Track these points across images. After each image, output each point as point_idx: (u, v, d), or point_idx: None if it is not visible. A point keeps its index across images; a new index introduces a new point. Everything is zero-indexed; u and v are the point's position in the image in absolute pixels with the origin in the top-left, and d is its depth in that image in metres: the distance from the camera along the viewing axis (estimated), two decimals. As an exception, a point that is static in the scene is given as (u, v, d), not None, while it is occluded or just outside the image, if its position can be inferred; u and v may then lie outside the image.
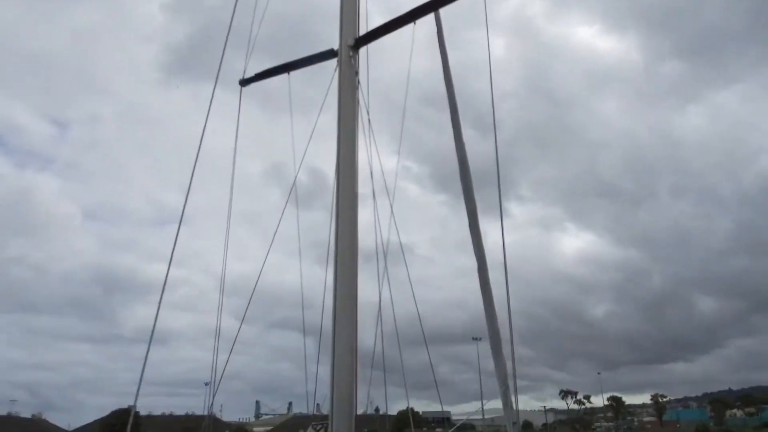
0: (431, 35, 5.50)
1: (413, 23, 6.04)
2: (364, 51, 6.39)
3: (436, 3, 5.81)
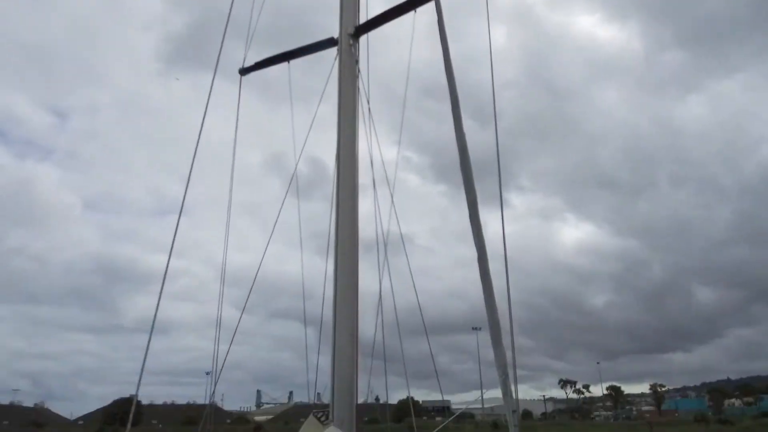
0: (431, 24, 5.45)
1: (414, 11, 6.00)
2: (364, 41, 6.35)
3: (436, -9, 5.74)
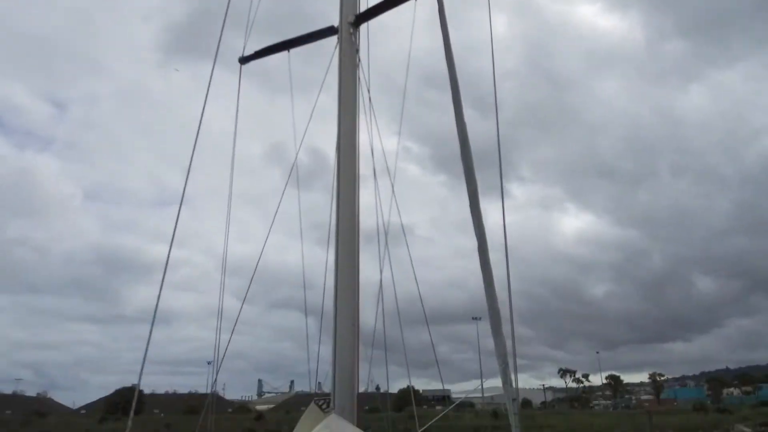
0: (432, 13, 5.40)
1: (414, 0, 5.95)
2: (364, 30, 6.31)
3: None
